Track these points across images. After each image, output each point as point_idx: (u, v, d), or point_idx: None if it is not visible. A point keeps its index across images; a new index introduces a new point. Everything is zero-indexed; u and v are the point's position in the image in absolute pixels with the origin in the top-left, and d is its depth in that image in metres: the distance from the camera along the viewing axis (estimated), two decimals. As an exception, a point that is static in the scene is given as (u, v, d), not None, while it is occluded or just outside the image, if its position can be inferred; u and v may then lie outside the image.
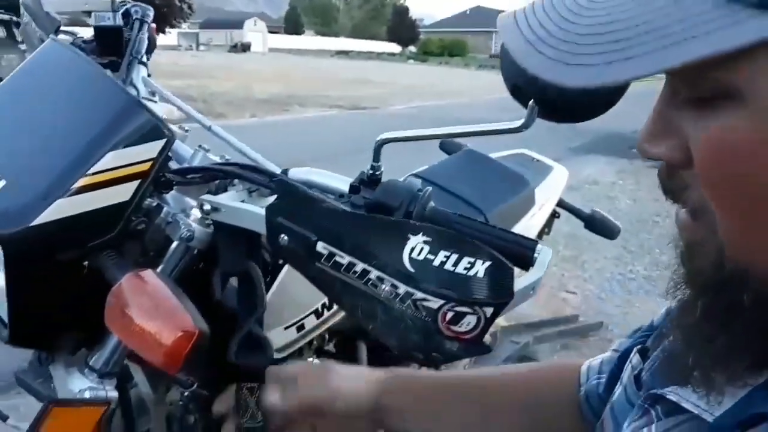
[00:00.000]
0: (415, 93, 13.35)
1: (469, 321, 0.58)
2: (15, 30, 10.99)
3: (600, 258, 4.21)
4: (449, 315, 0.58)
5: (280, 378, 0.67)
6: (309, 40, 71.02)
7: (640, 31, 0.30)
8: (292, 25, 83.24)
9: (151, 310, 0.60)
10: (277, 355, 1.08)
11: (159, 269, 0.72)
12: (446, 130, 0.70)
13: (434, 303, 0.58)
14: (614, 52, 0.30)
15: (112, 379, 0.77)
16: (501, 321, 3.25)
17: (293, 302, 1.06)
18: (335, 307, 1.18)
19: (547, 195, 1.79)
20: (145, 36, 0.96)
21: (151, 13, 1.03)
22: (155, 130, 0.68)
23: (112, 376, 0.76)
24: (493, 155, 1.87)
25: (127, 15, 1.02)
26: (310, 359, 1.33)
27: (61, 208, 0.65)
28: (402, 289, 0.58)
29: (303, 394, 0.64)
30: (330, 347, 1.35)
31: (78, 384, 0.74)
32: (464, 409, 0.67)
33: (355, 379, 0.66)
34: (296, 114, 11.16)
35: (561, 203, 1.86)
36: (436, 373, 0.74)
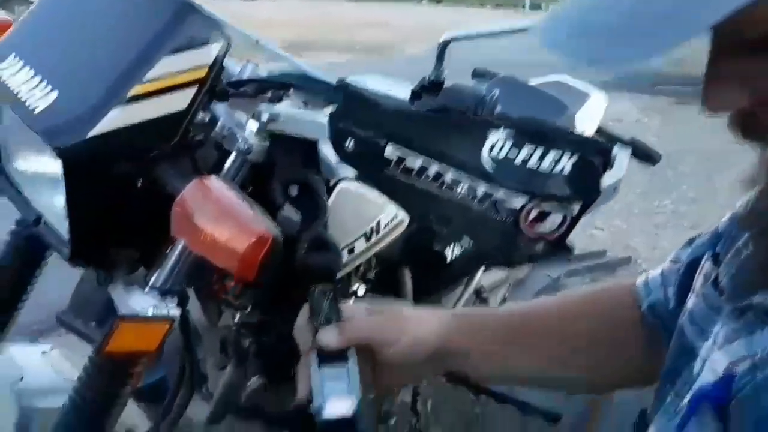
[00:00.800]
0: (432, 36, 13.02)
1: (554, 220, 0.55)
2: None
3: (627, 193, 4.15)
4: (533, 214, 0.55)
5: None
6: (319, -16, 69.18)
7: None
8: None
9: (221, 217, 0.59)
10: (327, 280, 1.07)
11: (219, 181, 0.69)
12: (506, 26, 0.67)
13: (517, 202, 0.55)
14: (662, 20, 0.31)
15: (173, 298, 0.76)
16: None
17: (343, 226, 1.04)
18: (383, 230, 1.16)
19: (586, 121, 1.73)
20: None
21: None
22: (210, 33, 0.65)
23: (172, 294, 0.75)
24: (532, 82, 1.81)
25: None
26: (357, 285, 1.33)
27: (116, 118, 0.62)
28: (481, 189, 0.56)
29: (358, 335, 0.58)
30: (373, 275, 1.34)
31: (139, 302, 0.74)
32: (530, 343, 0.65)
33: (417, 324, 0.60)
34: (310, 59, 10.97)
35: (600, 130, 1.80)
36: (497, 311, 0.71)
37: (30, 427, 0.84)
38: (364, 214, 1.10)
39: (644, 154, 1.76)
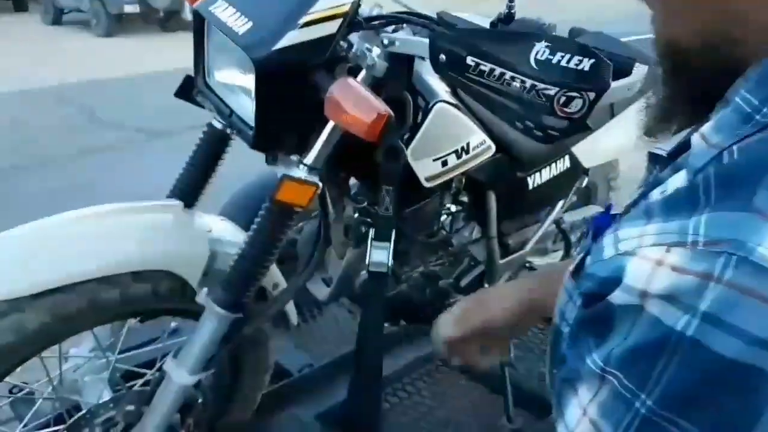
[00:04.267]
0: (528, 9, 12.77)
1: (577, 103, 0.81)
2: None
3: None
4: (562, 99, 0.81)
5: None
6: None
7: None
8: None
9: (356, 101, 0.90)
10: (426, 184, 1.37)
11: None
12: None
13: (552, 90, 0.81)
14: None
15: (317, 174, 1.09)
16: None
17: (439, 140, 1.33)
18: (472, 152, 1.43)
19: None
20: None
21: None
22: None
23: (317, 171, 1.08)
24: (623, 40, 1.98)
25: None
26: (449, 204, 1.62)
27: (292, 38, 0.95)
28: (528, 82, 0.83)
29: (468, 326, 0.78)
30: (464, 197, 1.62)
31: (295, 173, 1.07)
32: None
33: (506, 301, 0.77)
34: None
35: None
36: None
37: (215, 264, 1.22)
38: (456, 133, 1.38)
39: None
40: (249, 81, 1.04)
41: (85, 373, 1.34)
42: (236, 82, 1.11)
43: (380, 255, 0.89)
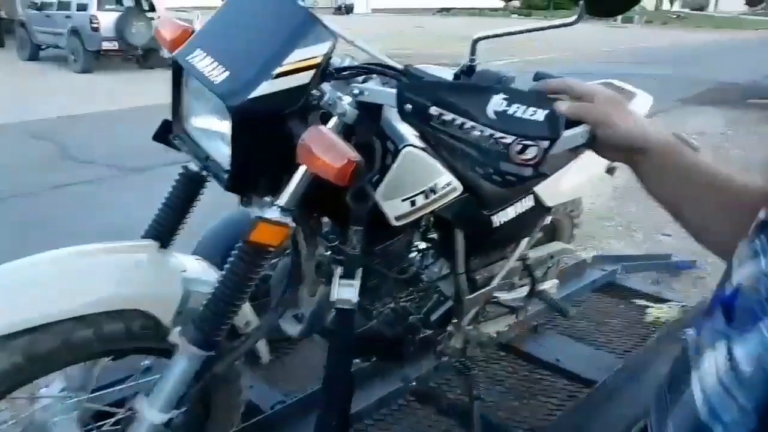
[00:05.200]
0: (517, 47, 13.23)
1: (532, 151, 0.87)
2: (143, 0, 11.98)
3: (698, 201, 4.23)
4: (518, 147, 0.87)
5: (573, 89, 0.85)
6: (411, -1, 70.26)
7: None
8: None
9: (326, 148, 0.95)
10: (396, 223, 1.42)
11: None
12: (519, 27, 0.99)
13: (508, 139, 0.87)
14: None
15: (290, 215, 1.13)
16: (593, 252, 3.44)
17: (407, 182, 1.38)
18: (440, 192, 1.49)
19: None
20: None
21: None
22: (324, 35, 1.02)
23: (290, 212, 1.12)
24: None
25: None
26: (417, 243, 1.67)
27: (266, 87, 1.00)
28: (487, 132, 0.88)
29: (593, 116, 0.81)
30: (433, 235, 1.67)
31: (269, 213, 1.11)
32: (708, 197, 0.73)
33: (640, 125, 0.79)
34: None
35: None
36: (704, 163, 0.78)
37: (188, 303, 1.24)
38: (424, 175, 1.44)
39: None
40: (225, 127, 1.09)
41: (55, 414, 1.34)
42: (213, 128, 1.16)
43: (347, 292, 0.94)
